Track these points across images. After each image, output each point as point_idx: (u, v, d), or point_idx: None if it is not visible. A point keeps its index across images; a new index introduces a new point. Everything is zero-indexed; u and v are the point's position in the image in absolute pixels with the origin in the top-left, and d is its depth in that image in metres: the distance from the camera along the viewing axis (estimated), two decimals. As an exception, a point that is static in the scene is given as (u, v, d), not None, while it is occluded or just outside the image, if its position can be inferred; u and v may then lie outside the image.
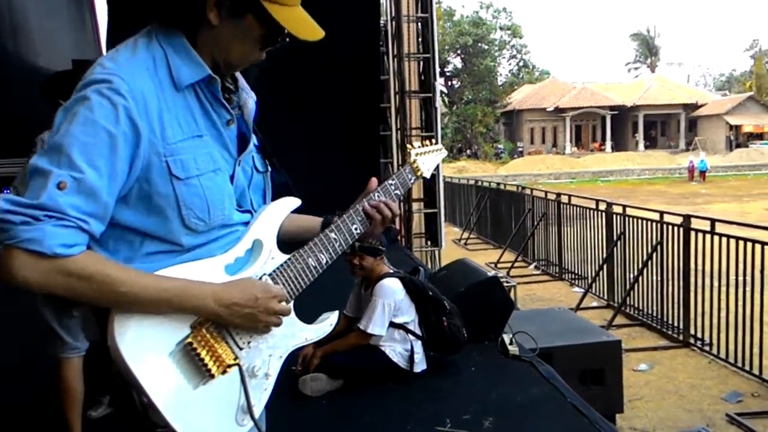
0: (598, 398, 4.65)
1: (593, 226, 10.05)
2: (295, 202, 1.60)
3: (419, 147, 1.88)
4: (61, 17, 8.67)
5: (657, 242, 7.88)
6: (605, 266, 9.25)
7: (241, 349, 1.43)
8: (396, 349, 4.06)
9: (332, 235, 1.59)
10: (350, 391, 3.95)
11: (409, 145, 1.86)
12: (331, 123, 8.30)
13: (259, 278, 1.47)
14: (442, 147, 1.97)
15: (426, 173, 1.86)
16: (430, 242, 9.59)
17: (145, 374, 1.28)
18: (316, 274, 1.56)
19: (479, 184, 17.45)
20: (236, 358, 1.41)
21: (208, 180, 1.40)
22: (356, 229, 1.64)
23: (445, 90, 50.28)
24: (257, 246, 1.50)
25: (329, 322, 1.63)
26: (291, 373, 3.87)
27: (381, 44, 9.52)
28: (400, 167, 1.82)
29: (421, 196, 9.47)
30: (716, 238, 6.83)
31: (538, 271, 11.84)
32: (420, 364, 4.12)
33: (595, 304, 9.25)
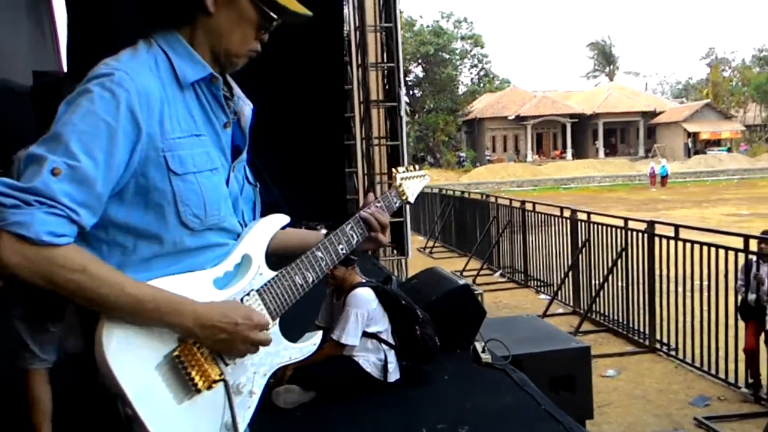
0: (568, 405, 4.64)
1: (558, 233, 10.16)
2: (285, 219, 1.60)
3: (404, 171, 1.88)
4: (21, 30, 8.47)
5: (622, 248, 8.00)
6: (571, 273, 9.35)
7: (227, 365, 1.40)
8: (369, 359, 4.03)
9: (319, 254, 1.58)
10: (324, 403, 3.89)
11: (394, 169, 1.86)
12: (295, 132, 8.25)
13: (247, 293, 1.44)
14: (425, 173, 1.97)
15: (411, 198, 1.87)
16: (396, 251, 9.58)
17: (131, 385, 1.26)
18: (303, 292, 1.54)
19: (443, 192, 17.52)
20: (221, 374, 1.38)
21: (205, 178, 1.40)
22: (342, 248, 1.64)
23: (407, 99, 50.51)
24: (246, 261, 1.48)
25: (313, 341, 1.62)
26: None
27: (344, 54, 9.51)
28: (386, 192, 1.82)
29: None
30: (680, 243, 6.95)
31: (504, 279, 11.93)
32: (393, 374, 4.08)
33: (561, 310, 9.35)
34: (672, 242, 7.09)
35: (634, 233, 7.83)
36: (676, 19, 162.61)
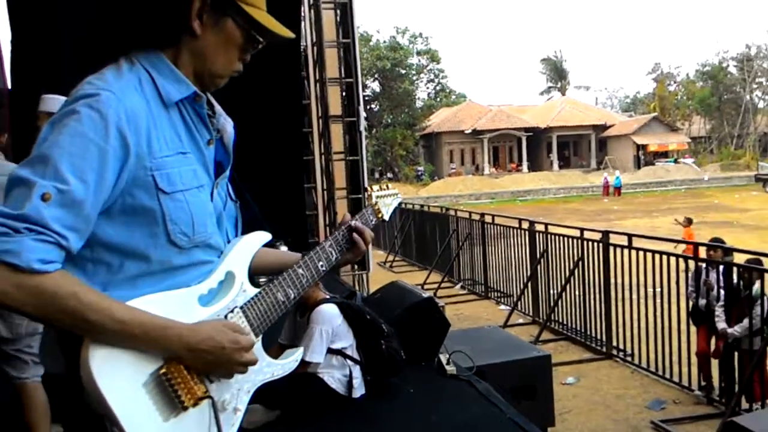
0: (530, 413, 4.73)
1: (517, 244, 10.31)
2: (267, 236, 1.63)
3: (378, 190, 1.93)
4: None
5: (578, 258, 8.16)
6: (530, 283, 9.49)
7: (212, 382, 1.42)
8: (334, 375, 4.01)
9: (300, 271, 1.61)
10: (289, 421, 3.85)
11: (369, 188, 1.91)
12: (253, 148, 8.18)
13: (231, 310, 1.46)
14: (398, 192, 2.03)
15: (386, 215, 1.91)
16: (357, 266, 9.59)
17: (119, 405, 1.25)
18: (285, 309, 1.57)
19: (403, 206, 17.57)
20: (207, 391, 1.39)
21: (193, 196, 1.41)
22: (322, 266, 1.67)
23: (364, 114, 50.58)
24: (229, 278, 1.50)
25: (294, 357, 1.64)
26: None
27: (302, 69, 9.54)
28: (363, 210, 1.86)
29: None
30: (633, 252, 7.14)
31: (465, 291, 12.02)
32: (359, 389, 4.08)
33: (521, 320, 9.48)
34: (626, 251, 7.27)
35: (590, 243, 8.00)
36: (623, 35, 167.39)
